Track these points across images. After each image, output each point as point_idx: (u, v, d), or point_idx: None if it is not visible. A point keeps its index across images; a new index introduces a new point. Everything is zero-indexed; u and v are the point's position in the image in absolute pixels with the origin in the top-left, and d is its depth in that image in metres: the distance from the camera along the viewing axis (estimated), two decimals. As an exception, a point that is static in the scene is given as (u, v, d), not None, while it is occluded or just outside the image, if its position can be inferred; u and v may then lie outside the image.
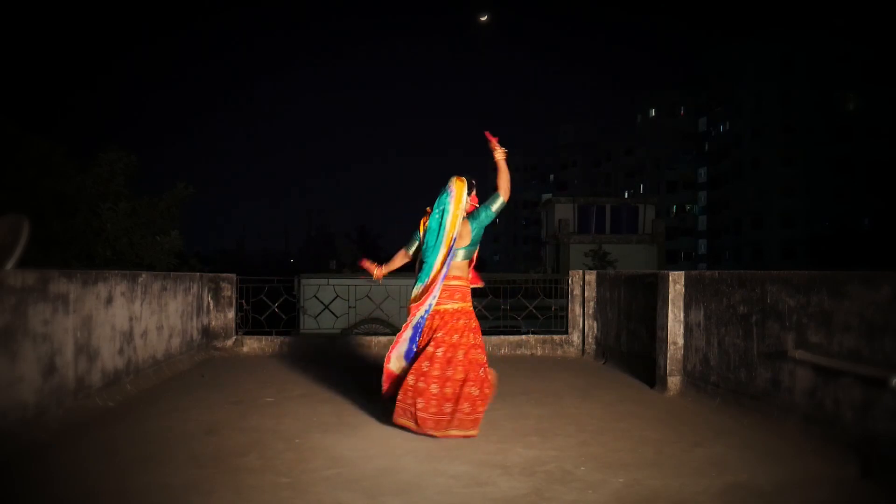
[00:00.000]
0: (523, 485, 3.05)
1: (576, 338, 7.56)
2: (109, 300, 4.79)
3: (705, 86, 58.85)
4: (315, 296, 8.31)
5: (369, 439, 3.82)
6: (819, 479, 3.19)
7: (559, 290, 7.89)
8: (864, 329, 3.50)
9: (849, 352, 3.59)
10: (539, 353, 7.46)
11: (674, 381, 5.34)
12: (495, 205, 4.14)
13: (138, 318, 5.32)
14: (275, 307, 7.54)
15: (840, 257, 37.98)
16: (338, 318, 8.26)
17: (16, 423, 3.58)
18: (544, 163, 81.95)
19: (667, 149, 62.01)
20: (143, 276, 5.51)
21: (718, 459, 3.46)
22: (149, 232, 11.47)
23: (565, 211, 31.01)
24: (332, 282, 8.78)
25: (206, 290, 7.10)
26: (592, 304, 7.49)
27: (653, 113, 64.43)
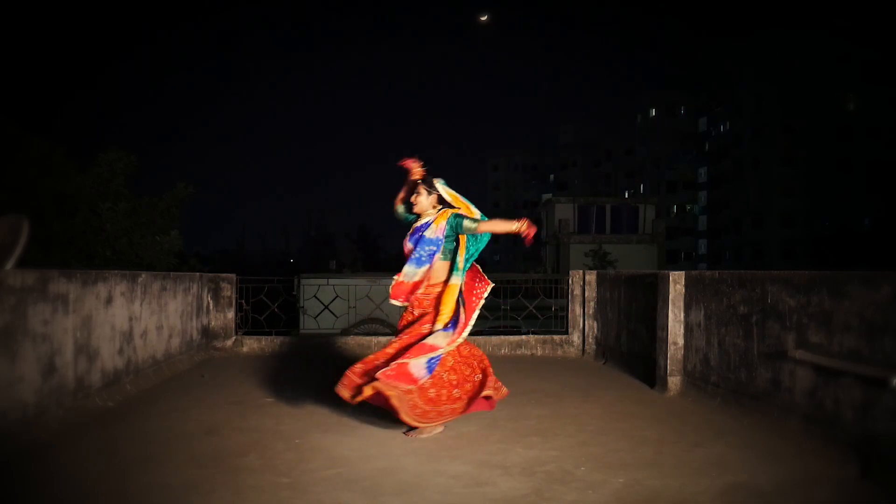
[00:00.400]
0: (523, 485, 3.05)
1: (576, 338, 7.55)
2: (109, 300, 4.78)
3: (705, 85, 58.86)
4: (315, 296, 8.31)
5: (369, 439, 3.81)
6: (819, 479, 3.18)
7: (559, 291, 7.89)
8: (865, 329, 3.49)
9: (849, 352, 3.59)
10: (539, 354, 7.45)
11: (674, 382, 5.33)
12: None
13: (138, 318, 5.32)
14: (274, 307, 7.53)
15: (840, 257, 37.99)
16: (338, 318, 8.26)
17: (16, 423, 3.57)
18: (544, 163, 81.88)
19: (667, 149, 61.94)
20: (143, 276, 5.50)
21: (719, 459, 3.45)
22: (148, 232, 11.47)
23: (565, 211, 31.03)
24: (331, 282, 8.79)
25: (205, 290, 7.10)
26: (592, 304, 7.49)
27: (653, 113, 64.35)
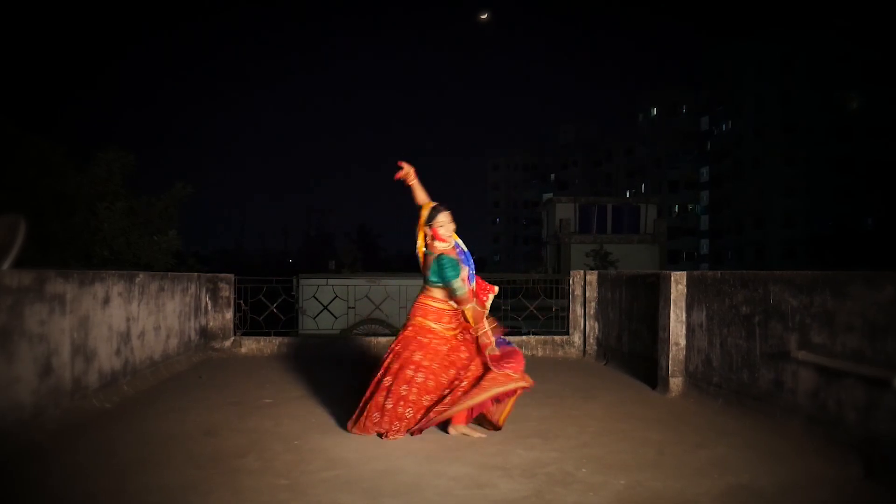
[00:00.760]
0: (524, 487, 3.03)
1: (577, 338, 7.53)
2: (106, 300, 4.76)
3: (707, 85, 58.79)
4: (314, 296, 8.29)
5: (369, 441, 3.79)
6: (822, 480, 3.17)
7: (560, 291, 7.86)
8: (867, 329, 3.48)
9: (852, 352, 3.57)
10: (540, 354, 7.43)
11: (676, 382, 5.31)
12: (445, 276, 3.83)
13: (135, 319, 5.30)
14: (273, 308, 7.51)
15: (842, 257, 37.94)
16: (337, 318, 8.24)
17: (13, 424, 3.56)
18: (545, 162, 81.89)
19: (668, 148, 61.82)
20: (141, 276, 5.48)
21: (720, 461, 3.44)
22: (146, 232, 11.46)
23: (566, 211, 31.03)
24: (331, 282, 8.77)
25: (203, 291, 7.07)
26: (594, 304, 7.46)
27: (654, 112, 64.31)
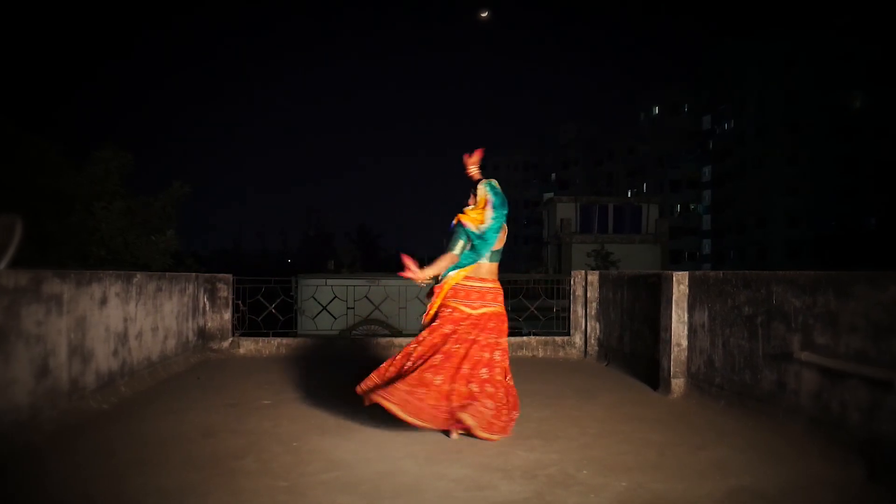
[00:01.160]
0: (524, 488, 3.01)
1: (578, 339, 7.50)
2: (104, 301, 4.74)
3: (709, 84, 58.60)
4: (313, 297, 8.25)
5: (368, 442, 3.77)
6: (824, 481, 3.15)
7: (561, 291, 7.83)
8: (871, 330, 3.46)
9: (855, 353, 3.56)
10: (541, 355, 7.40)
11: (677, 383, 5.28)
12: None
13: (133, 319, 5.28)
14: (272, 308, 7.49)
15: (846, 257, 37.87)
16: (336, 319, 8.21)
17: (9, 425, 3.55)
18: (545, 161, 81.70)
19: (670, 147, 61.61)
20: (138, 276, 5.46)
21: (722, 462, 3.42)
22: (144, 231, 11.42)
23: (567, 210, 30.97)
24: (330, 282, 8.74)
25: (202, 291, 7.05)
26: (595, 304, 7.43)
27: (656, 111, 64.21)
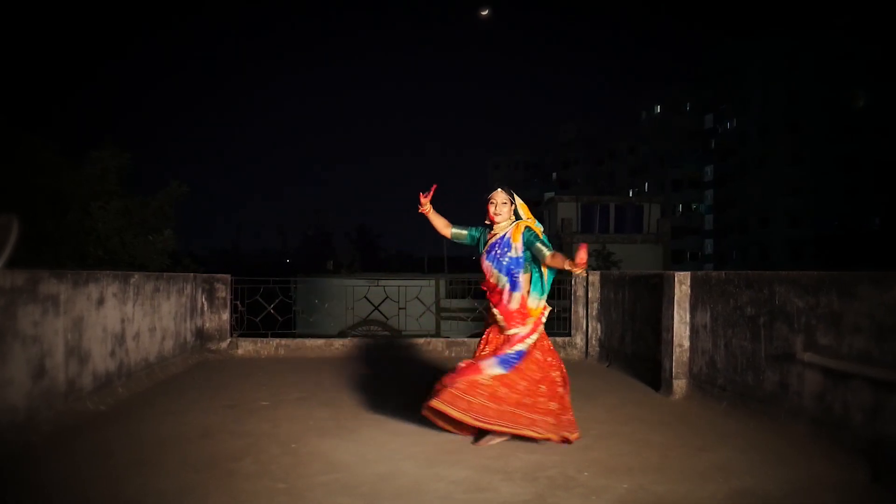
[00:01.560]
0: (525, 490, 2.99)
1: (579, 340, 7.47)
2: (101, 301, 4.72)
3: (711, 83, 58.40)
4: (312, 297, 8.23)
5: (368, 444, 3.75)
6: (827, 483, 3.13)
7: (562, 291, 7.80)
8: (874, 330, 3.45)
9: (858, 354, 3.53)
10: (541, 354, 7.36)
11: (679, 384, 5.25)
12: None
13: (130, 320, 5.26)
14: (270, 308, 7.47)
15: (848, 257, 37.76)
16: (335, 319, 8.18)
17: (6, 427, 3.53)
18: (546, 161, 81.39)
19: (672, 146, 61.43)
20: (136, 276, 5.44)
21: (725, 464, 3.39)
22: (142, 231, 11.38)
23: (568, 210, 30.89)
24: (329, 282, 8.72)
25: (199, 291, 7.03)
26: (596, 305, 7.40)
27: (657, 110, 64.10)
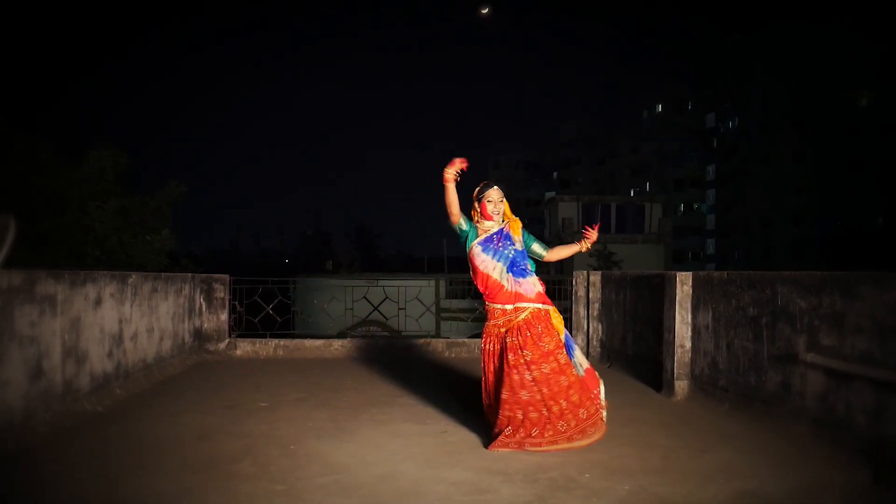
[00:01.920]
0: (526, 492, 2.97)
1: (580, 340, 7.45)
2: (98, 302, 4.70)
3: (713, 81, 58.26)
4: (311, 297, 8.21)
5: (367, 445, 3.74)
6: (830, 485, 3.11)
7: (563, 292, 7.78)
8: (877, 331, 3.43)
9: (861, 354, 3.52)
10: (542, 355, 7.34)
11: (681, 385, 5.23)
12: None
13: (128, 321, 5.24)
14: (269, 309, 7.45)
15: (851, 257, 37.72)
16: (334, 320, 8.16)
17: (3, 428, 3.51)
18: (547, 160, 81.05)
19: (674, 145, 61.27)
20: (133, 276, 5.42)
21: (727, 466, 3.37)
22: (139, 231, 11.37)
23: (569, 210, 30.87)
24: (328, 283, 8.69)
25: (198, 292, 7.01)
26: (597, 305, 7.37)
27: (659, 108, 63.97)
